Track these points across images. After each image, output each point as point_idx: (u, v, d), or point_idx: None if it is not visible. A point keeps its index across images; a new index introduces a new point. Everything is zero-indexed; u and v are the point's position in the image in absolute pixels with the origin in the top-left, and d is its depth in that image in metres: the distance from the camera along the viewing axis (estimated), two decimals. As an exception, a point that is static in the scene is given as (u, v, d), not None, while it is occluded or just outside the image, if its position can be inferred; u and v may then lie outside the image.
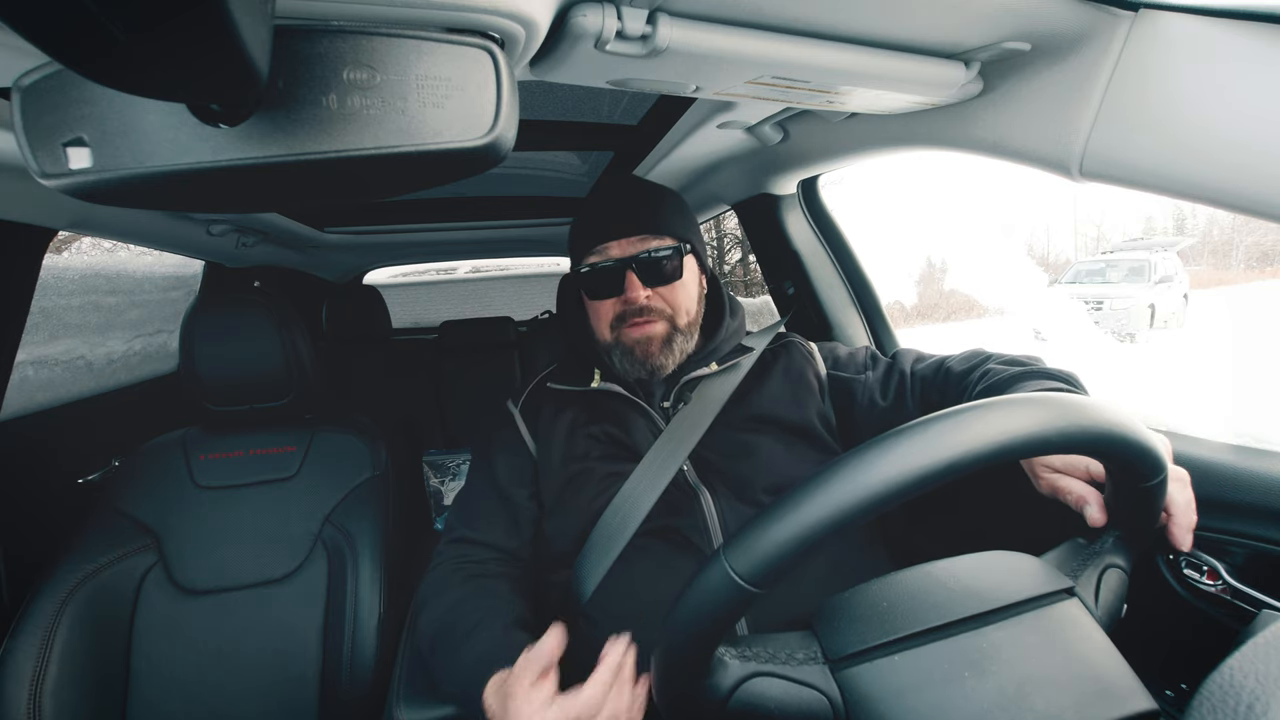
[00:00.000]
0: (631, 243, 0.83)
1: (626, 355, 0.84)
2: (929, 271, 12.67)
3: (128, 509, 1.04)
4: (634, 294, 0.81)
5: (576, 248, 0.88)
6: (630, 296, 0.82)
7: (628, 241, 0.83)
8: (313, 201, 0.58)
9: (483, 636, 0.69)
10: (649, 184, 0.90)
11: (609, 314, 0.85)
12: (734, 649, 0.45)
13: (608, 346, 0.86)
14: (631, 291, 0.81)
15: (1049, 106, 0.65)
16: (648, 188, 0.89)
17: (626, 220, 0.83)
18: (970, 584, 0.46)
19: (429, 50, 0.37)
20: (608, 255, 0.83)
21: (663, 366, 0.84)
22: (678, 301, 0.84)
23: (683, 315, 0.85)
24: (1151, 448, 0.44)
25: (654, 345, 0.83)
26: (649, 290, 0.82)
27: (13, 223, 0.89)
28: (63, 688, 0.88)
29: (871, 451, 0.38)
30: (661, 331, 0.83)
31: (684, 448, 0.81)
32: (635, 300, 0.81)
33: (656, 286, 0.83)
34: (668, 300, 0.84)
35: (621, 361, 0.85)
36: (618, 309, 0.84)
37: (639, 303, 0.81)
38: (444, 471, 1.85)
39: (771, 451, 0.82)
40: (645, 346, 0.83)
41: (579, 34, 0.53)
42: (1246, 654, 0.32)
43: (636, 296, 0.81)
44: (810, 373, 0.90)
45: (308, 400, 1.12)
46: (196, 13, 0.22)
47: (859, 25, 0.59)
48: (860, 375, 0.88)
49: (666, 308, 0.84)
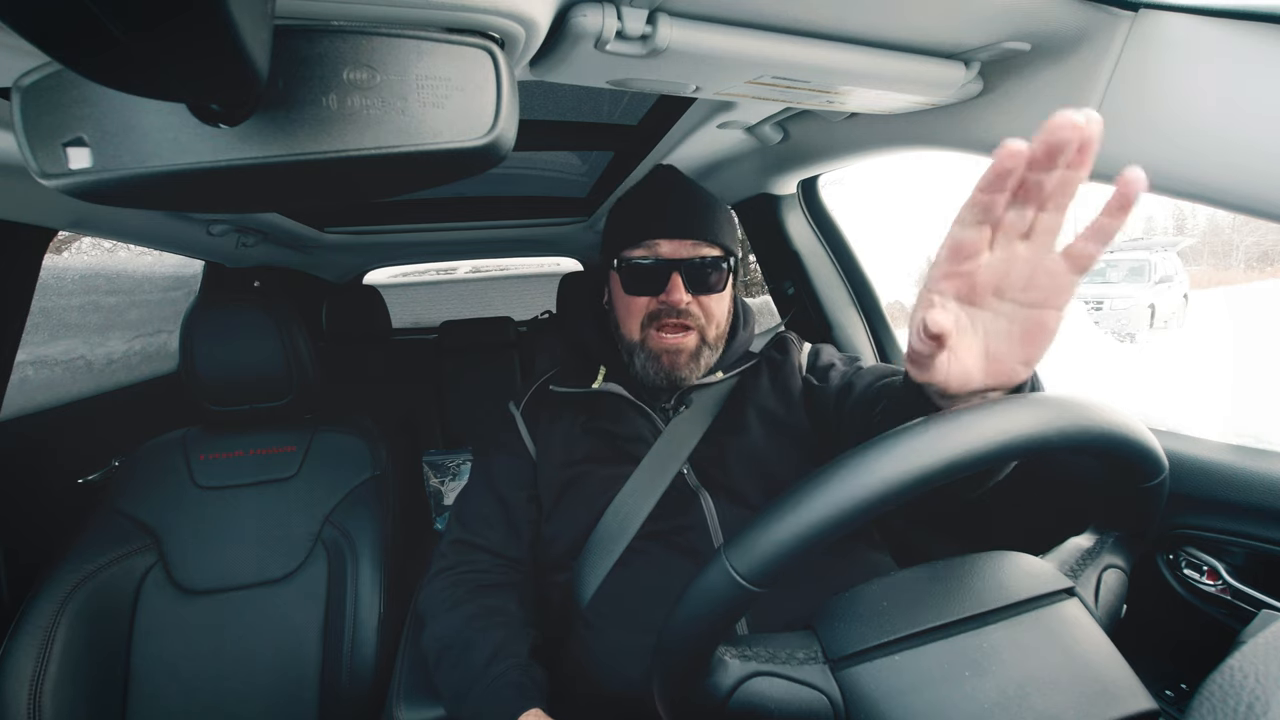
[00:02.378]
0: (684, 245, 0.81)
1: (652, 360, 0.82)
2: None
3: (128, 509, 1.04)
4: (677, 296, 0.79)
5: (619, 235, 0.84)
6: (673, 299, 0.79)
7: (680, 243, 0.81)
8: (313, 201, 0.58)
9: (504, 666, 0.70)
10: (705, 191, 0.87)
11: (642, 311, 0.82)
12: (734, 649, 0.44)
13: (632, 345, 0.84)
14: (675, 294, 0.79)
15: (1049, 106, 0.65)
16: (704, 193, 0.86)
17: (684, 221, 0.81)
18: (970, 584, 0.46)
19: (429, 50, 0.37)
20: (656, 252, 0.81)
21: (686, 379, 0.83)
22: (713, 313, 0.83)
23: (713, 328, 0.83)
24: (1152, 448, 0.44)
25: (683, 357, 0.82)
26: (690, 296, 0.80)
27: (13, 223, 0.89)
28: (63, 688, 0.88)
29: (872, 451, 0.38)
30: (693, 344, 0.82)
31: (683, 450, 0.81)
32: (677, 303, 0.79)
33: (699, 294, 0.81)
34: (705, 310, 0.82)
35: (645, 365, 0.83)
36: (653, 308, 0.82)
37: (680, 305, 0.80)
38: (444, 471, 1.85)
39: (771, 455, 0.82)
40: (674, 357, 0.82)
41: (579, 34, 0.53)
42: (1246, 654, 0.32)
43: (680, 299, 0.79)
44: (799, 375, 0.90)
45: (308, 400, 1.12)
46: (196, 13, 0.22)
47: (859, 25, 0.59)
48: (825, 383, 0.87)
49: (702, 317, 0.82)
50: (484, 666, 0.70)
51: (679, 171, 0.88)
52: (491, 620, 0.75)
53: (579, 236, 2.08)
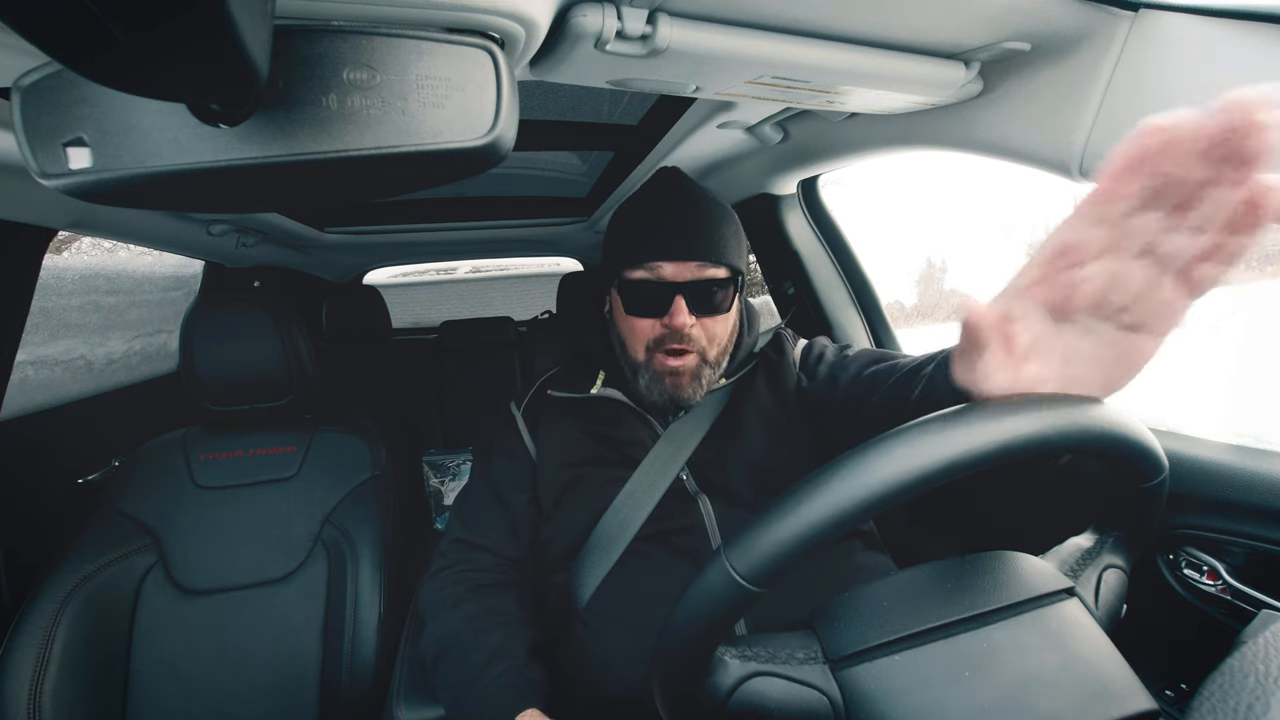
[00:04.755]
0: (688, 267, 0.77)
1: (656, 381, 0.81)
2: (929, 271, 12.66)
3: (128, 509, 1.04)
4: (680, 320, 0.76)
5: (622, 252, 0.80)
6: (676, 323, 0.76)
7: (684, 265, 0.77)
8: (313, 201, 0.58)
9: (503, 667, 0.70)
10: (711, 198, 0.82)
11: (647, 334, 0.79)
12: (734, 649, 0.44)
13: (636, 365, 0.82)
14: (679, 318, 0.76)
15: (1049, 106, 0.65)
16: (711, 204, 0.81)
17: (688, 242, 0.77)
18: (970, 584, 0.46)
19: (429, 50, 0.37)
20: (659, 274, 0.77)
21: (690, 399, 0.81)
22: (716, 333, 0.80)
23: (715, 348, 0.81)
24: (1152, 448, 0.44)
25: (684, 378, 0.80)
26: (694, 319, 0.77)
27: (13, 223, 0.89)
28: (63, 688, 0.88)
29: (872, 451, 0.38)
30: (693, 365, 0.80)
31: (682, 454, 0.81)
32: (681, 327, 0.77)
33: (702, 317, 0.78)
34: (708, 331, 0.79)
35: (649, 386, 0.81)
36: (657, 332, 0.79)
37: (684, 330, 0.77)
38: (444, 471, 1.85)
39: (768, 455, 0.82)
40: (676, 379, 0.80)
41: (579, 34, 0.53)
42: (1246, 654, 0.32)
43: (683, 324, 0.76)
44: (794, 373, 0.89)
45: (308, 400, 1.12)
46: (196, 13, 0.22)
47: (859, 25, 0.59)
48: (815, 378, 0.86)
49: (703, 338, 0.79)
50: (481, 668, 0.70)
51: (684, 177, 0.84)
52: (490, 621, 0.75)
53: (579, 236, 2.08)
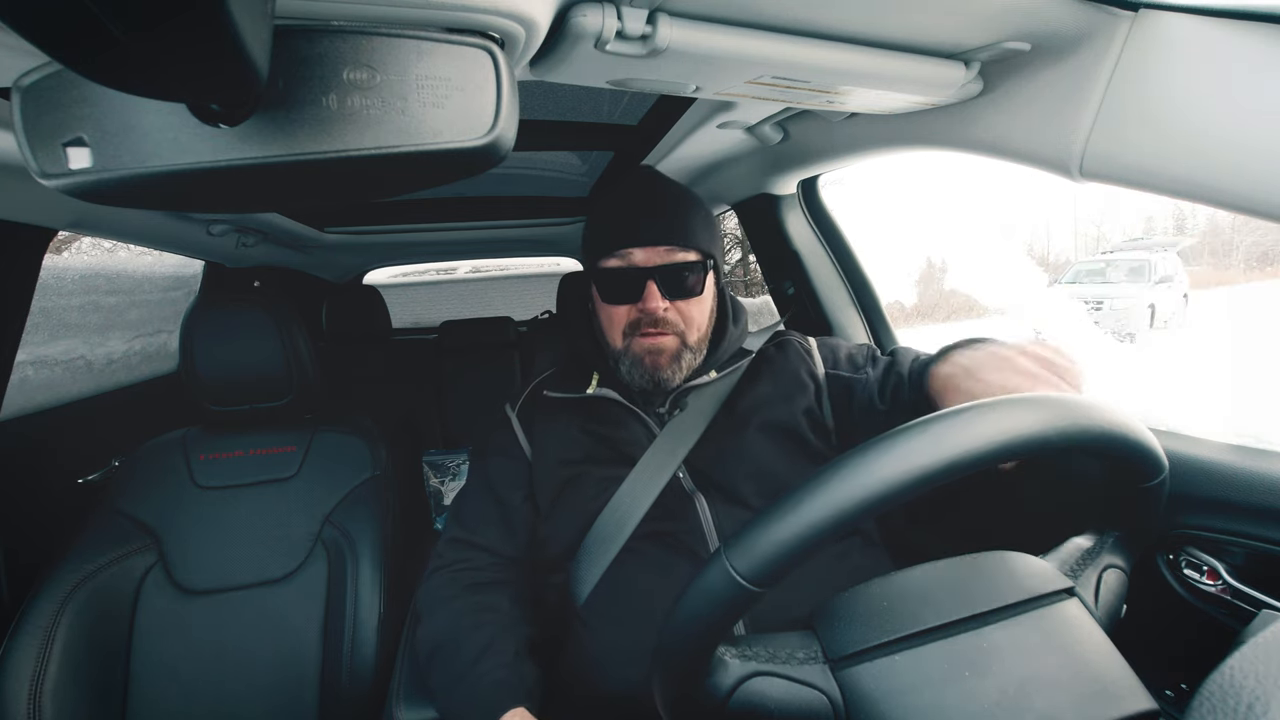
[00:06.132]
0: (658, 252, 0.80)
1: (636, 364, 0.83)
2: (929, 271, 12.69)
3: (128, 509, 1.04)
4: (653, 304, 0.79)
5: (596, 243, 0.85)
6: (649, 307, 0.79)
7: (654, 250, 0.80)
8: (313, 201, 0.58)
9: (491, 664, 0.70)
10: (680, 189, 0.86)
11: (623, 320, 0.83)
12: (734, 648, 0.45)
13: (617, 353, 0.84)
14: (651, 302, 0.79)
15: (1049, 106, 0.65)
16: (679, 193, 0.85)
17: (655, 228, 0.81)
18: (970, 584, 0.46)
19: (429, 50, 0.37)
20: (630, 260, 0.81)
21: (669, 380, 0.82)
22: (692, 317, 0.83)
23: (694, 331, 0.83)
24: (1152, 448, 0.44)
25: (664, 358, 0.82)
26: (668, 302, 0.80)
27: (13, 223, 0.89)
28: (63, 688, 0.88)
29: (872, 451, 0.38)
30: (672, 345, 0.82)
31: (679, 453, 0.81)
32: (654, 310, 0.79)
33: (675, 300, 0.81)
34: (683, 314, 0.82)
35: (630, 371, 0.83)
36: (633, 316, 0.82)
37: (657, 313, 0.80)
38: (444, 471, 1.85)
39: (765, 455, 0.81)
40: (655, 358, 0.81)
41: (579, 34, 0.53)
42: (1246, 654, 0.32)
43: (656, 307, 0.79)
44: (805, 372, 0.89)
45: (308, 400, 1.12)
46: (196, 13, 0.22)
47: (859, 25, 0.59)
48: (859, 374, 0.87)
49: (680, 322, 0.82)
50: (470, 665, 0.70)
51: (656, 173, 0.88)
52: (481, 618, 0.75)
53: (579, 236, 2.07)
